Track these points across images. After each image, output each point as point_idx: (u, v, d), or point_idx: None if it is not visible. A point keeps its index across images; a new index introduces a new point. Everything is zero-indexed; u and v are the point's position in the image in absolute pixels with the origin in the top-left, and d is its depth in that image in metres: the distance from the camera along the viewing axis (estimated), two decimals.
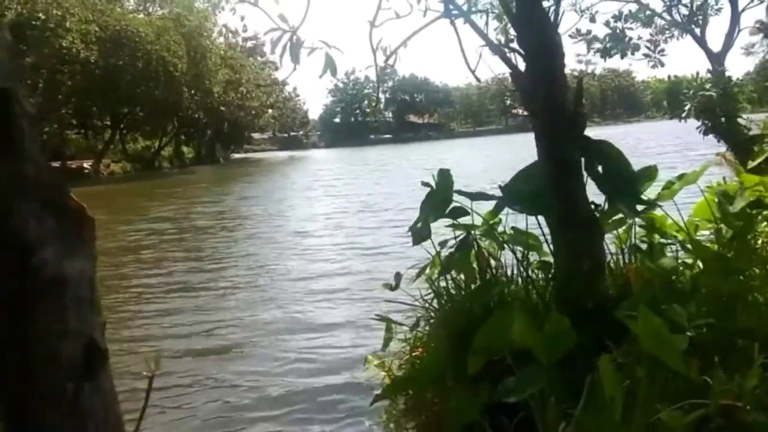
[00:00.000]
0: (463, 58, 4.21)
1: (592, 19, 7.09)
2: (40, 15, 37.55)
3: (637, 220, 4.13)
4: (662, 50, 7.52)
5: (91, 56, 41.62)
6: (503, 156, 37.53)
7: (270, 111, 80.00)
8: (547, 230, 3.94)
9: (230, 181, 36.19)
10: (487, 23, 4.84)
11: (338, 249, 12.48)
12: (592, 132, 3.87)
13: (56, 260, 0.96)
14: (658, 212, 4.19)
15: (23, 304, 0.95)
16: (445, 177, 4.13)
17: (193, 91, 52.23)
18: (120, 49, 44.64)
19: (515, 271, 4.30)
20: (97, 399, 0.98)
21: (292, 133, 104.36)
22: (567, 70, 3.98)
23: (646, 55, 7.51)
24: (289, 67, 3.95)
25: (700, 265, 3.80)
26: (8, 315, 0.94)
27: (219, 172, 48.81)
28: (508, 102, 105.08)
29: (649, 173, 4.01)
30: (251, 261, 11.92)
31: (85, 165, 43.18)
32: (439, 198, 4.09)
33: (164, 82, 47.36)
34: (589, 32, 7.04)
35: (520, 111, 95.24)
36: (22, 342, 0.94)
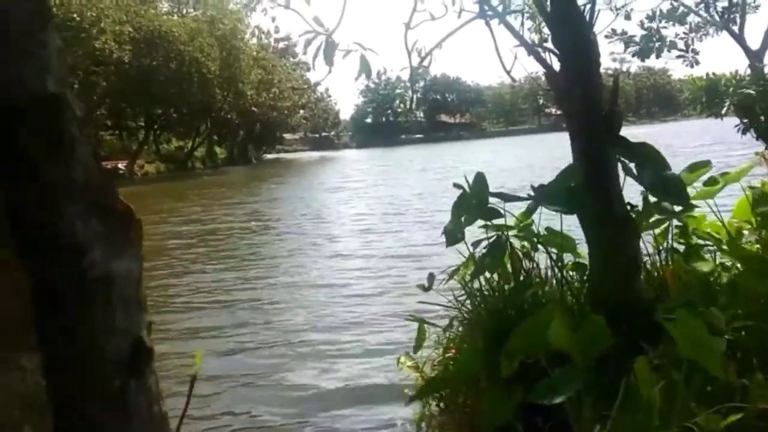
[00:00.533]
0: (498, 58, 4.20)
1: (627, 17, 6.99)
2: (75, 16, 38.09)
3: (674, 221, 4.08)
4: (695, 50, 7.40)
5: (124, 56, 42.21)
6: (536, 156, 37.24)
7: (302, 111, 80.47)
8: (582, 232, 3.90)
9: (261, 182, 36.40)
10: (522, 23, 4.82)
11: (367, 251, 12.42)
12: (627, 131, 3.83)
13: (104, 261, 0.98)
14: (697, 213, 4.13)
15: (72, 304, 0.97)
16: (480, 180, 4.13)
17: (225, 93, 52.79)
18: (153, 49, 45.28)
19: (549, 273, 4.27)
20: (142, 396, 1.01)
21: (323, 134, 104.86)
22: (602, 69, 3.95)
23: (679, 56, 7.39)
24: (322, 69, 4.00)
25: (739, 266, 3.74)
26: (58, 315, 0.97)
27: (251, 172, 49.16)
28: (541, 101, 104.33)
29: (697, 171, 3.96)
30: (279, 264, 11.89)
31: (119, 166, 43.81)
32: (474, 200, 4.08)
33: (198, 83, 47.94)
34: (625, 32, 6.93)
35: (553, 110, 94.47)
36: (71, 341, 0.96)
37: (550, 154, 31.72)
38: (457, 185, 4.17)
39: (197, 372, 1.47)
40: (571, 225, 4.06)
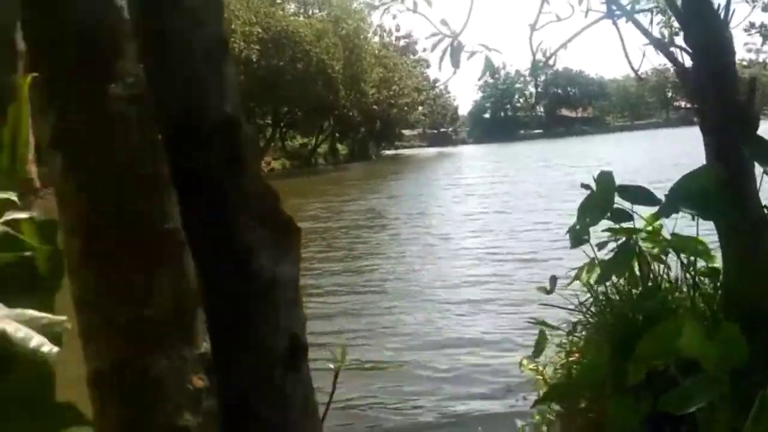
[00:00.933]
0: (625, 57, 4.10)
1: (766, 9, 6.58)
2: None
3: None
4: None
5: (252, 55, 43.82)
6: (665, 151, 35.39)
7: (420, 108, 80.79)
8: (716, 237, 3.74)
9: (380, 179, 36.71)
10: (651, 21, 4.66)
11: (483, 252, 12.27)
12: (765, 126, 3.63)
13: (270, 265, 1.08)
14: None
15: (241, 306, 1.08)
16: (605, 179, 4.03)
17: (348, 91, 53.90)
18: (281, 50, 46.90)
19: (680, 278, 4.12)
20: (299, 389, 1.10)
21: (441, 130, 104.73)
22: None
23: None
24: (446, 68, 4.03)
25: None
26: (227, 315, 1.08)
27: (370, 169, 49.79)
28: (670, 94, 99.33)
29: None
30: (394, 266, 11.89)
31: None
32: (599, 200, 3.99)
33: (322, 82, 49.23)
34: (765, 25, 6.54)
35: (683, 103, 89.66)
36: (237, 339, 1.07)
37: (680, 149, 30.17)
38: (585, 185, 4.08)
39: (340, 366, 1.57)
40: (709, 228, 3.89)
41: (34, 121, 1.05)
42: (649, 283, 4.04)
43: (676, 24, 4.82)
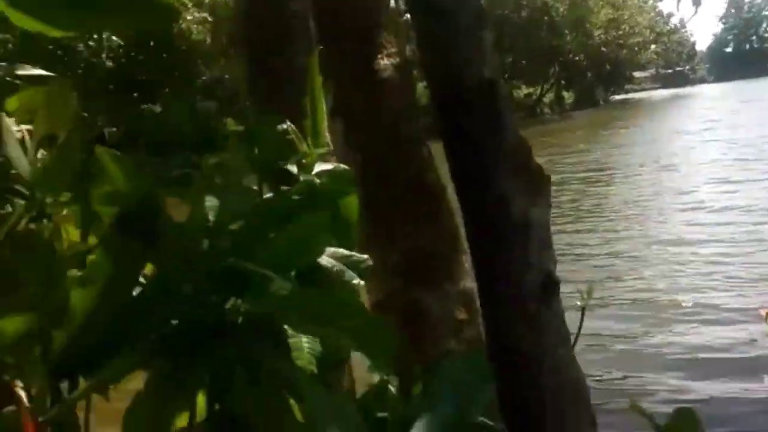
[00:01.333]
0: None
1: None
2: None
3: None
4: None
5: None
6: None
7: (653, 47, 75.01)
8: None
9: (606, 127, 34.71)
10: None
11: (724, 204, 11.26)
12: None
13: (524, 209, 1.23)
14: None
15: (498, 246, 1.24)
16: None
17: (574, 35, 51.81)
18: None
19: None
20: (551, 318, 1.24)
21: (677, 69, 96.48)
22: None
23: None
24: (685, 6, 3.80)
25: None
26: (487, 254, 1.24)
27: (597, 116, 47.47)
28: None
29: None
30: (625, 218, 11.31)
31: None
32: None
33: (546, 28, 47.92)
34: None
35: None
36: (496, 275, 1.23)
37: None
38: None
39: (586, 303, 1.67)
40: None
41: (325, 92, 1.26)
42: None
43: None
